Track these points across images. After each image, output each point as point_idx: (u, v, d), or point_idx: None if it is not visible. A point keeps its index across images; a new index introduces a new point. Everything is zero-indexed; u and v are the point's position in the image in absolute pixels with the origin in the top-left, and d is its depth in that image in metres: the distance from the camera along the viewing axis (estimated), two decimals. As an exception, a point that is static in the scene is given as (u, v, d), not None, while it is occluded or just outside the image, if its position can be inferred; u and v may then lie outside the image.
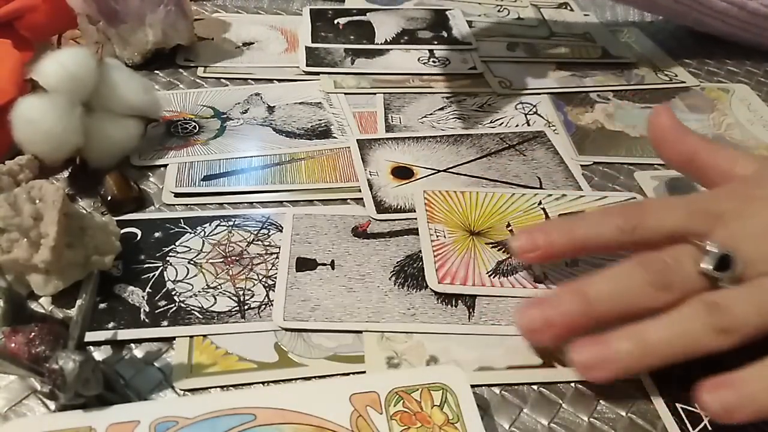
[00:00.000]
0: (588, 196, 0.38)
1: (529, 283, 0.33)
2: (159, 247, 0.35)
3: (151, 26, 0.47)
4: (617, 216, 0.30)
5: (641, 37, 0.57)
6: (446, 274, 0.33)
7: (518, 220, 0.37)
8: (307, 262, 0.34)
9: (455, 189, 0.38)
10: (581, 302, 0.28)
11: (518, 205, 0.38)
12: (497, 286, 0.33)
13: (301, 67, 0.50)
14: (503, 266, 0.34)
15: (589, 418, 0.28)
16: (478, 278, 0.33)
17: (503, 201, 0.38)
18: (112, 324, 0.31)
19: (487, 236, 0.36)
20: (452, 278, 0.33)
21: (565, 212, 0.37)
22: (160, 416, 0.25)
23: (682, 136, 0.35)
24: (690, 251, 0.29)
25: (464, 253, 0.34)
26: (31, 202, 0.31)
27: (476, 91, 0.49)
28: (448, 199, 0.38)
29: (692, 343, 0.27)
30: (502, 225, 0.36)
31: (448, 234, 0.35)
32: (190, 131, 0.43)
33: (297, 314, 0.31)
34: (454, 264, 0.34)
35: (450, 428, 0.26)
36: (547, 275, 0.33)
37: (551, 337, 0.29)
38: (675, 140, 0.35)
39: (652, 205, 0.32)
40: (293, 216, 0.37)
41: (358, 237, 0.36)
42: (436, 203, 0.37)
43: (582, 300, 0.28)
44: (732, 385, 0.26)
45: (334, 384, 0.28)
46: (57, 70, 0.36)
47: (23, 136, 0.36)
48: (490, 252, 0.35)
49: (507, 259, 0.34)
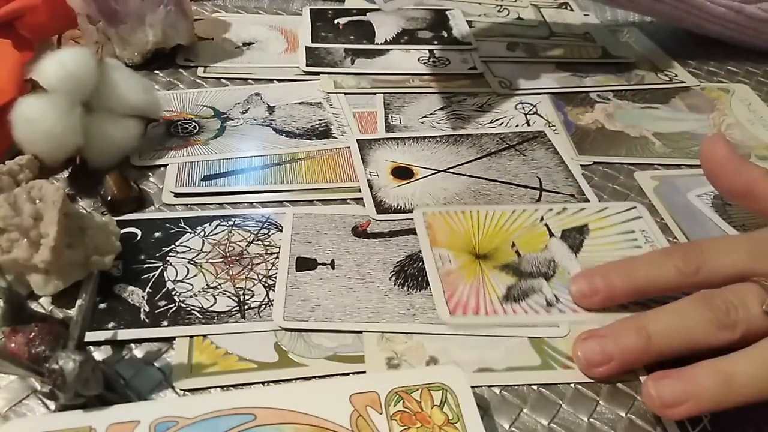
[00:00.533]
0: (589, 209, 0.38)
1: (542, 308, 0.32)
2: (159, 247, 0.35)
3: (151, 26, 0.47)
4: (678, 258, 0.30)
5: (641, 37, 0.57)
6: (457, 304, 0.32)
7: (522, 239, 0.36)
8: (307, 262, 0.34)
9: (454, 209, 0.37)
10: (642, 338, 0.28)
11: (520, 222, 0.37)
12: (510, 314, 0.32)
13: (301, 67, 0.50)
14: (514, 291, 0.33)
15: (589, 419, 0.28)
16: (490, 306, 0.32)
17: (505, 219, 0.37)
18: (112, 324, 0.31)
19: (493, 259, 0.34)
20: (464, 309, 0.32)
21: (567, 227, 0.36)
22: (160, 416, 0.25)
23: (739, 167, 0.34)
24: (755, 290, 0.28)
25: (472, 279, 0.33)
26: (31, 202, 0.31)
27: (476, 91, 0.49)
28: (449, 219, 0.37)
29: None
30: (506, 245, 0.35)
31: (453, 259, 0.34)
32: (190, 131, 0.43)
33: (297, 314, 0.31)
34: (464, 292, 0.32)
35: (450, 428, 0.26)
36: (558, 298, 0.32)
37: (608, 370, 0.29)
38: (732, 172, 0.35)
39: (712, 245, 0.31)
40: (293, 215, 0.37)
41: (358, 237, 0.36)
42: (437, 226, 0.36)
43: (643, 336, 0.28)
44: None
45: (334, 384, 0.28)
46: (57, 70, 0.36)
47: (23, 136, 0.36)
48: (498, 276, 0.33)
49: (516, 283, 0.33)
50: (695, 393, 0.26)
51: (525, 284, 0.33)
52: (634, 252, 0.35)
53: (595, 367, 0.29)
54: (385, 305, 0.32)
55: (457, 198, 0.39)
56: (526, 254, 0.35)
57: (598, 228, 0.37)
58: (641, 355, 0.28)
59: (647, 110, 0.48)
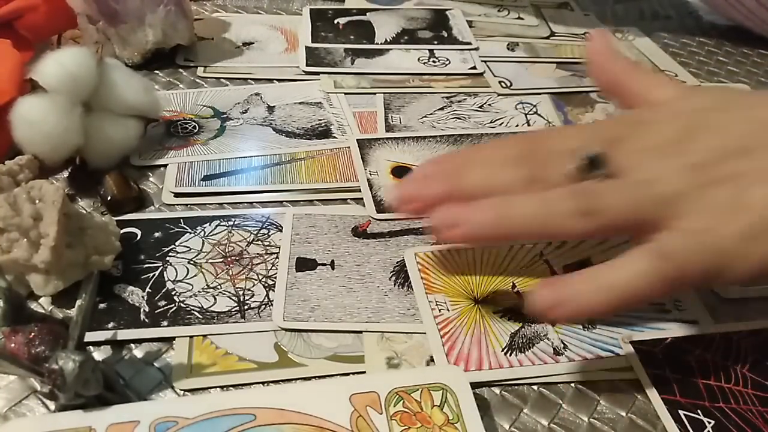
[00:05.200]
0: (589, 240, 0.35)
1: (549, 357, 0.30)
2: (159, 247, 0.35)
3: (151, 26, 0.47)
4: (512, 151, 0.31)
5: (641, 37, 0.57)
6: (458, 358, 0.30)
7: (523, 280, 0.33)
8: (307, 262, 0.34)
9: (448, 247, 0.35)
10: (452, 183, 0.30)
11: (519, 261, 0.34)
12: (516, 366, 0.30)
13: (301, 67, 0.50)
14: (518, 339, 0.31)
15: (589, 418, 0.28)
16: (494, 359, 0.30)
17: (502, 257, 0.35)
18: (112, 324, 0.31)
19: (493, 303, 0.32)
20: (466, 363, 0.29)
21: (569, 262, 0.34)
22: (160, 416, 0.25)
23: (610, 59, 0.35)
24: (572, 154, 0.29)
25: (472, 327, 0.31)
26: (31, 202, 0.31)
27: (476, 91, 0.49)
28: (443, 260, 0.34)
29: (554, 221, 0.28)
30: (506, 286, 0.33)
31: (450, 306, 0.32)
32: (189, 131, 0.43)
33: (297, 314, 0.31)
34: (464, 344, 0.30)
35: (450, 428, 0.26)
36: (566, 345, 0.31)
37: (415, 209, 0.31)
38: (603, 62, 0.35)
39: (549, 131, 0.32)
40: (293, 216, 0.37)
41: (358, 237, 0.36)
42: (431, 268, 0.34)
43: (453, 181, 0.30)
44: (557, 284, 0.27)
45: (334, 384, 0.28)
46: (57, 70, 0.36)
47: (23, 136, 0.36)
48: (500, 323, 0.31)
49: (520, 329, 0.31)
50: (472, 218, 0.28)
51: (529, 330, 0.31)
52: None
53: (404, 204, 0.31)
54: (385, 305, 0.32)
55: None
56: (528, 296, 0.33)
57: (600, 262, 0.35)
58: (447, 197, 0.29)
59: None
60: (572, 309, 0.26)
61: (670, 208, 0.27)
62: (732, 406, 0.28)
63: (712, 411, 0.28)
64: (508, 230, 0.28)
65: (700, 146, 0.28)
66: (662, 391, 0.29)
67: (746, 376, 0.29)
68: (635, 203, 0.27)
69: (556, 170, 0.29)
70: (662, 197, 0.27)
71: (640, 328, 0.31)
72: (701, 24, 0.61)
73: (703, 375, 0.29)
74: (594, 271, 0.27)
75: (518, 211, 0.28)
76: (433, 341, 0.30)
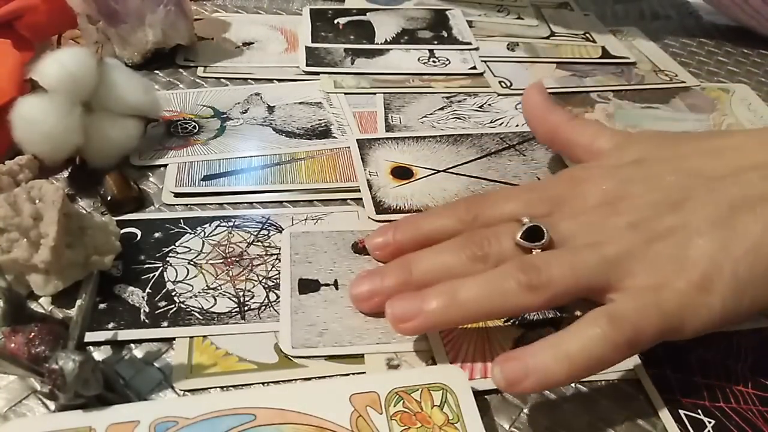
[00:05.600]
0: None
1: None
2: (159, 248, 0.35)
3: (151, 26, 0.47)
4: (461, 208, 0.32)
5: (641, 37, 0.57)
6: (462, 367, 0.29)
7: None
8: (309, 284, 0.33)
9: None
10: (404, 274, 0.30)
11: None
12: None
13: (301, 67, 0.50)
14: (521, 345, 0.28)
15: (589, 418, 0.28)
16: None
17: None
18: (112, 324, 0.31)
19: None
20: (471, 373, 0.29)
21: None
22: (160, 416, 0.25)
23: (546, 112, 0.36)
24: (512, 227, 0.30)
25: (476, 335, 0.31)
26: (31, 202, 0.31)
27: (476, 91, 0.49)
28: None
29: (502, 299, 0.28)
30: None
31: None
32: (189, 131, 0.43)
33: (305, 340, 0.30)
34: (468, 353, 0.30)
35: (450, 428, 0.26)
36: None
37: (375, 305, 0.31)
38: (541, 116, 0.36)
39: (493, 194, 0.33)
40: (290, 235, 0.35)
41: (359, 253, 0.35)
42: None
43: (405, 272, 0.30)
44: (518, 358, 0.26)
45: (334, 384, 0.28)
46: (57, 70, 0.36)
47: (23, 136, 0.36)
48: (503, 329, 0.31)
49: (523, 335, 0.31)
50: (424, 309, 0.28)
51: (533, 335, 0.30)
52: None
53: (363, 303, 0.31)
54: None
55: (457, 198, 0.39)
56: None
57: None
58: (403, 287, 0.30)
59: (647, 110, 0.48)
60: (536, 381, 0.25)
61: (617, 268, 0.27)
62: (732, 405, 0.28)
63: (712, 411, 0.28)
64: (459, 315, 0.28)
65: (636, 203, 0.29)
66: (662, 390, 0.29)
67: (747, 376, 0.29)
68: (581, 271, 0.27)
69: (500, 244, 0.29)
70: (607, 260, 0.28)
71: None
72: (701, 24, 0.61)
73: (703, 374, 0.29)
74: (553, 339, 0.26)
75: (465, 294, 0.28)
76: (437, 351, 0.30)
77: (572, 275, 0.27)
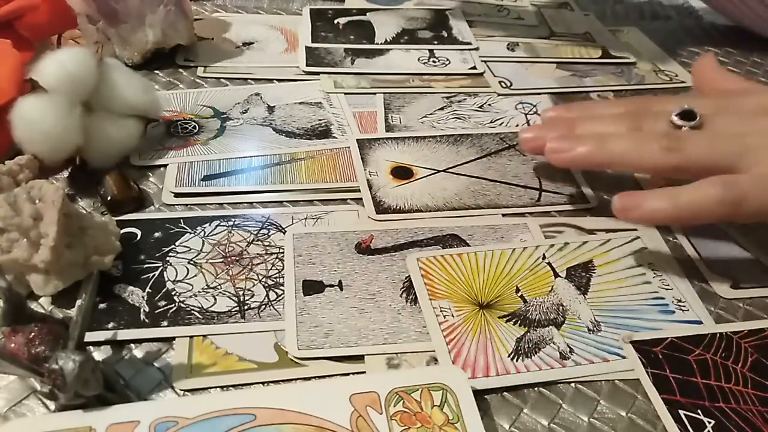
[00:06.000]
0: (591, 242, 0.36)
1: (556, 362, 0.30)
2: (159, 247, 0.35)
3: (151, 26, 0.47)
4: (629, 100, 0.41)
5: (641, 37, 0.57)
6: (465, 366, 0.29)
7: (526, 282, 0.33)
8: (313, 285, 0.33)
9: (450, 252, 0.35)
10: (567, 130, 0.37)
11: (522, 263, 0.34)
12: (522, 371, 0.29)
13: (301, 67, 0.50)
14: (523, 344, 0.30)
15: (589, 418, 0.28)
16: (500, 365, 0.29)
17: (505, 260, 0.34)
18: (112, 324, 0.31)
19: (498, 308, 0.32)
20: (473, 371, 0.29)
21: (572, 264, 0.35)
22: (160, 416, 0.25)
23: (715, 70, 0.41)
24: (670, 110, 0.35)
25: (478, 333, 0.31)
26: (31, 202, 0.31)
27: (476, 91, 0.49)
28: (446, 265, 0.34)
29: (640, 155, 0.34)
30: (510, 290, 0.33)
31: (455, 312, 0.32)
32: (189, 131, 0.43)
33: (311, 342, 0.30)
34: (470, 350, 0.30)
35: (450, 428, 0.26)
36: (572, 349, 0.30)
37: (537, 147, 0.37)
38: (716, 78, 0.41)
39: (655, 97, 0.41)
40: (293, 236, 0.35)
41: (363, 254, 0.35)
42: (433, 273, 0.33)
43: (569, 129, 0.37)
44: (637, 193, 0.33)
45: (334, 384, 0.28)
46: (57, 70, 0.36)
47: (23, 136, 0.36)
48: (505, 328, 0.31)
49: (525, 334, 0.31)
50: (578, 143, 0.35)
51: (535, 334, 0.31)
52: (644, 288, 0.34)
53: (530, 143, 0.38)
54: (400, 324, 0.31)
55: (457, 198, 0.39)
56: (532, 299, 0.33)
57: (603, 264, 0.35)
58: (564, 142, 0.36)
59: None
60: (645, 211, 0.32)
61: (750, 156, 0.32)
62: (732, 405, 0.28)
63: (712, 411, 0.28)
64: (604, 159, 0.35)
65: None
66: (662, 391, 0.29)
67: (746, 376, 0.29)
68: (718, 149, 0.33)
69: (656, 123, 0.35)
70: (745, 146, 0.32)
71: (640, 328, 0.31)
72: (701, 24, 0.61)
73: (703, 375, 0.29)
74: (669, 189, 0.32)
75: (613, 145, 0.34)
76: (440, 350, 0.30)
77: (708, 150, 0.33)
